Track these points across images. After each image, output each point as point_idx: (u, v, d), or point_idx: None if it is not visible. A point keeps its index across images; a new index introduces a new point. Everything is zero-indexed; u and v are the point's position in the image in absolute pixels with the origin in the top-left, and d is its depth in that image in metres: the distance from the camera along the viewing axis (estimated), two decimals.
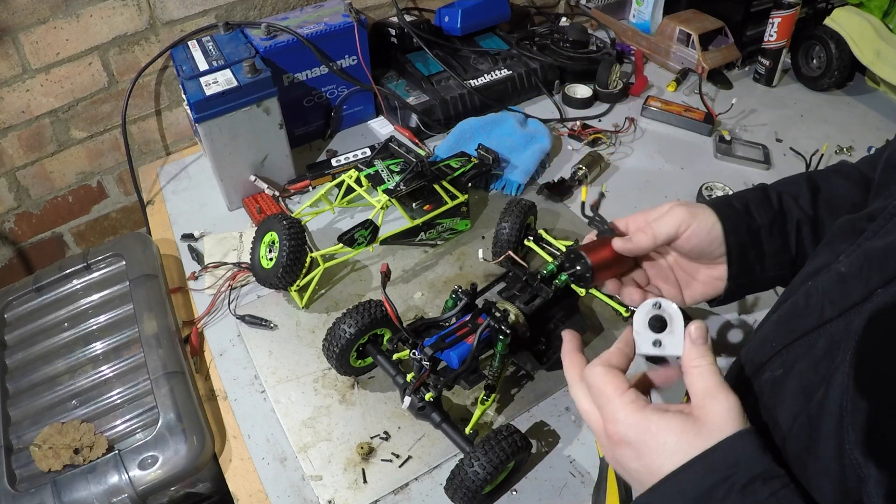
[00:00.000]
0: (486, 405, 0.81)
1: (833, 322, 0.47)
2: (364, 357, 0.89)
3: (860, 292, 0.46)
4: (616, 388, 0.50)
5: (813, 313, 0.50)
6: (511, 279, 0.91)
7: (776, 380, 0.51)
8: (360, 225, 0.96)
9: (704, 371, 0.49)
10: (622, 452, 0.49)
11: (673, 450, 0.46)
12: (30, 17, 1.10)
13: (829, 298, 0.49)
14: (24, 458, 0.83)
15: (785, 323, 0.54)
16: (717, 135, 1.33)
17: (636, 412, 0.48)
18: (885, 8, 1.37)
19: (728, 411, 0.46)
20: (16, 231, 1.31)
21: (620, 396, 0.49)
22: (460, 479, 0.72)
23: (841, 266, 0.49)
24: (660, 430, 0.47)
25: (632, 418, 0.48)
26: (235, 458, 0.85)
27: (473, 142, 1.23)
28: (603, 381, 0.51)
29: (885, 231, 0.48)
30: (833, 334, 0.47)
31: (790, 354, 0.51)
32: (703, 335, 0.51)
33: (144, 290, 0.98)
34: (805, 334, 0.50)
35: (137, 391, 0.89)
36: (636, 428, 0.48)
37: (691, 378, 0.49)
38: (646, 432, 0.47)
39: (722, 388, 0.48)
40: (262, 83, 1.07)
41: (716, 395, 0.47)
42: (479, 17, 1.45)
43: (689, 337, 0.51)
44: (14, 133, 1.20)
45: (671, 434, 0.46)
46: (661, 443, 0.46)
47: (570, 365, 0.55)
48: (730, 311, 0.99)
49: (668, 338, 0.52)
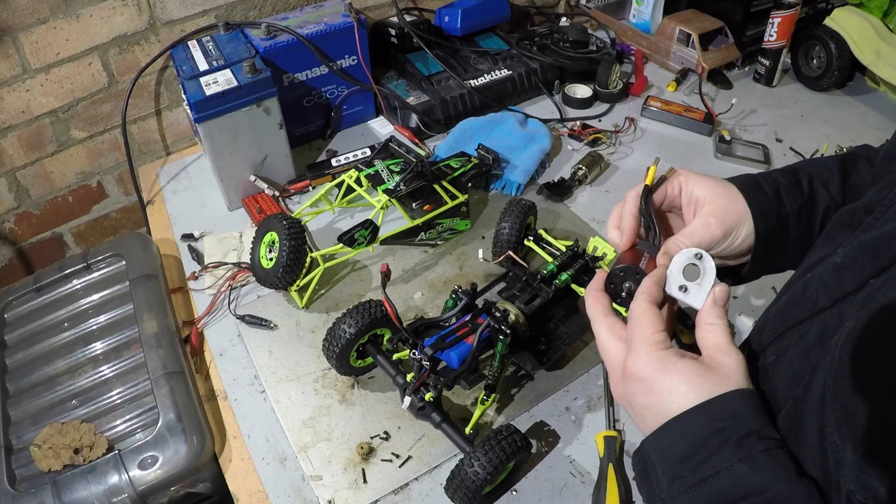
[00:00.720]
0: (486, 405, 0.81)
1: (827, 311, 0.48)
2: (364, 357, 0.89)
3: (854, 282, 0.46)
4: (651, 324, 0.52)
5: (808, 303, 0.50)
6: (511, 279, 0.92)
7: (769, 366, 0.53)
8: (360, 225, 0.96)
9: (718, 329, 0.51)
10: (634, 387, 0.51)
11: (683, 391, 0.48)
12: (30, 17, 1.10)
13: (824, 288, 0.49)
14: (24, 458, 0.83)
15: (781, 313, 0.54)
16: (717, 135, 1.33)
17: (658, 350, 0.50)
18: (885, 8, 1.37)
19: (738, 366, 0.49)
20: (16, 231, 1.31)
21: (652, 335, 0.51)
22: (460, 478, 0.72)
23: (837, 258, 0.50)
24: (676, 370, 0.49)
25: (654, 355, 0.50)
26: (235, 458, 0.85)
27: (473, 142, 1.23)
28: (643, 314, 0.53)
29: (879, 223, 0.48)
30: (826, 322, 0.48)
31: (784, 342, 0.52)
32: (726, 298, 0.53)
33: (144, 290, 0.98)
34: (799, 322, 0.51)
35: (137, 391, 0.89)
36: (654, 364, 0.50)
37: (704, 333, 0.52)
38: (662, 370, 0.49)
39: (732, 346, 0.50)
40: (262, 83, 1.07)
41: (728, 351, 0.50)
42: (479, 17, 1.45)
43: (712, 295, 0.53)
44: (14, 133, 1.20)
45: (684, 375, 0.48)
46: (674, 382, 0.49)
47: (595, 302, 0.57)
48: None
49: (695, 289, 0.54)
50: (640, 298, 0.54)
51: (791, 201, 0.65)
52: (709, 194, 0.63)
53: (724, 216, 0.62)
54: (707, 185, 0.63)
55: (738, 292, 1.02)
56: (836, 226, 0.56)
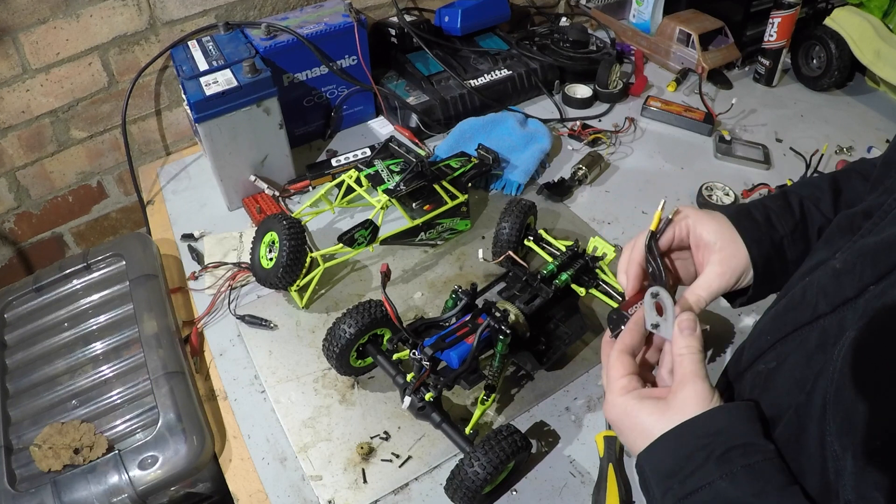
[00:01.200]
0: (486, 405, 0.81)
1: (826, 317, 0.48)
2: (364, 357, 0.89)
3: (853, 288, 0.47)
4: (617, 372, 0.57)
5: (808, 308, 0.51)
6: (511, 279, 0.92)
7: (769, 371, 0.53)
8: (360, 225, 0.96)
9: (685, 360, 0.54)
10: (613, 426, 0.57)
11: (642, 429, 0.52)
12: (30, 17, 1.10)
13: (823, 293, 0.50)
14: (24, 458, 0.83)
15: (781, 317, 0.55)
16: (717, 135, 1.33)
17: (620, 396, 0.55)
18: (885, 8, 1.37)
19: (693, 397, 0.51)
20: (16, 231, 1.31)
21: (617, 380, 0.56)
22: (460, 478, 0.72)
23: (836, 262, 0.50)
24: (635, 412, 0.54)
25: (617, 401, 0.56)
26: (235, 458, 0.85)
27: (473, 142, 1.23)
28: (612, 364, 0.58)
29: (878, 228, 0.49)
30: (826, 328, 0.48)
31: (784, 347, 0.52)
32: (691, 326, 0.56)
33: (144, 290, 0.98)
34: (799, 328, 0.51)
35: (137, 391, 0.89)
36: (617, 409, 0.55)
37: (675, 365, 0.55)
38: (624, 414, 0.55)
39: (695, 377, 0.53)
40: (262, 83, 1.07)
41: (687, 383, 0.53)
42: (479, 17, 1.45)
43: (678, 326, 0.56)
44: (14, 133, 1.20)
45: (642, 416, 0.53)
46: (634, 423, 0.54)
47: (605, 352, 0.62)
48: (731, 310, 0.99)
49: (664, 323, 0.58)
50: (614, 349, 0.59)
51: (782, 224, 0.68)
52: (717, 240, 0.65)
53: (735, 265, 0.64)
54: (715, 230, 0.65)
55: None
56: (836, 230, 0.57)
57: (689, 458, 0.48)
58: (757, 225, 0.67)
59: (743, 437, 0.48)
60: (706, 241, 0.65)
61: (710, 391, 0.51)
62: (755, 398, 0.53)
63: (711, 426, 0.49)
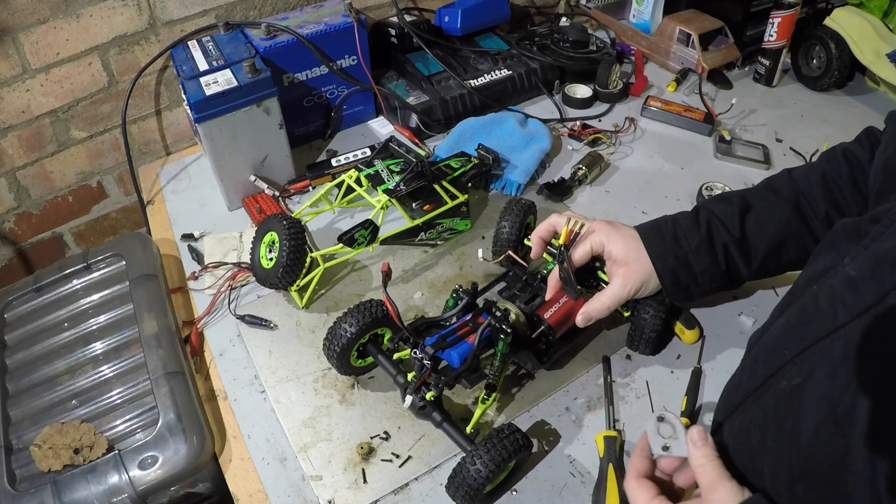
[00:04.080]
0: (486, 404, 0.81)
1: (847, 326, 0.47)
2: (364, 357, 0.89)
3: (873, 295, 0.46)
4: (644, 497, 0.59)
5: (826, 319, 0.50)
6: (511, 279, 0.92)
7: (794, 388, 0.52)
8: (360, 225, 0.96)
9: (707, 467, 0.56)
10: None
11: None
12: (30, 17, 1.10)
13: (840, 303, 0.49)
14: (24, 458, 0.83)
15: (795, 330, 0.54)
16: (717, 135, 1.33)
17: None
18: (885, 8, 1.37)
19: (728, 497, 0.54)
20: (16, 231, 1.31)
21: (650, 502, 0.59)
22: (462, 477, 0.72)
23: (849, 269, 0.50)
24: None
25: None
26: (235, 458, 0.85)
27: (473, 142, 1.23)
28: (635, 492, 0.60)
29: (891, 233, 0.48)
30: (848, 338, 0.47)
31: (806, 362, 0.51)
32: (703, 437, 0.59)
33: (144, 290, 0.98)
34: (819, 340, 0.50)
35: (137, 391, 0.89)
36: None
37: (697, 475, 0.57)
38: None
39: (722, 479, 0.55)
40: (262, 83, 1.07)
41: (717, 486, 0.55)
42: (479, 17, 1.45)
43: (690, 440, 0.59)
44: (14, 133, 1.20)
45: None
46: None
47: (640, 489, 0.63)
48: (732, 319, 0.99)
49: (674, 443, 0.61)
50: (628, 477, 0.62)
51: (688, 241, 0.81)
52: (624, 255, 0.81)
53: (635, 279, 0.80)
54: (623, 246, 0.81)
55: (738, 292, 1.02)
56: (840, 236, 0.56)
57: None
58: (664, 243, 0.80)
59: None
60: (614, 256, 0.81)
61: (740, 488, 0.54)
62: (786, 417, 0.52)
63: None
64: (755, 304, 1.00)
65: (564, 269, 0.80)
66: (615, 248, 0.81)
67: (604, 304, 0.81)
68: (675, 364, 0.92)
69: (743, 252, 0.81)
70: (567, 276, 0.80)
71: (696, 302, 1.00)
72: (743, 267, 0.82)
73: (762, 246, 0.81)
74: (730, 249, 0.81)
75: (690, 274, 0.81)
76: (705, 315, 0.98)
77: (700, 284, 0.82)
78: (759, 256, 0.82)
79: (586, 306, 0.81)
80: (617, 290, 0.81)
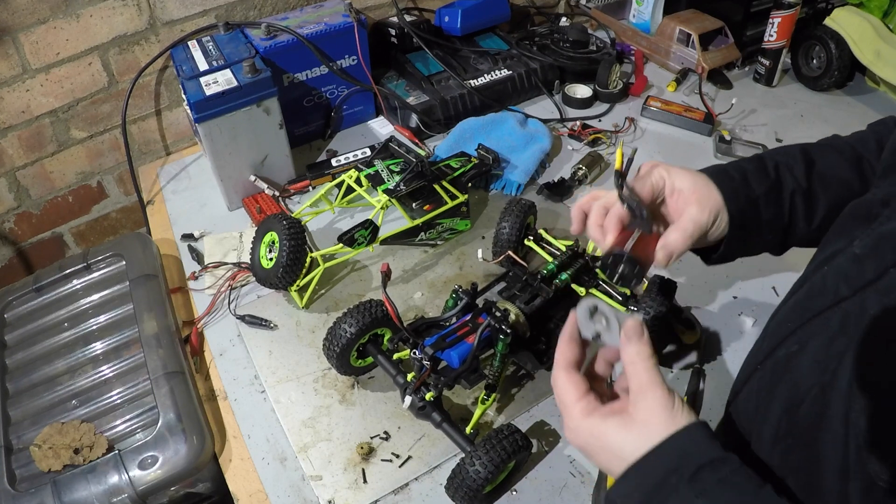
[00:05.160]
0: (486, 405, 0.81)
1: (848, 300, 0.49)
2: (364, 357, 0.89)
3: (874, 271, 0.47)
4: (572, 396, 0.54)
5: (828, 293, 0.51)
6: (511, 279, 0.91)
7: (791, 355, 0.53)
8: (360, 225, 0.96)
9: (638, 368, 0.52)
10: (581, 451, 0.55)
11: (613, 450, 0.51)
12: (30, 17, 1.10)
13: (844, 278, 0.50)
14: (24, 458, 0.83)
15: (802, 304, 0.55)
16: (717, 135, 1.33)
17: (583, 419, 0.53)
18: (885, 8, 1.37)
19: (655, 406, 0.50)
20: (16, 231, 1.31)
21: (573, 405, 0.53)
22: (461, 478, 0.72)
23: (856, 248, 0.51)
24: (601, 433, 0.51)
25: (580, 426, 0.53)
26: (235, 458, 0.85)
27: (473, 142, 1.23)
28: (563, 388, 0.55)
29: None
30: (847, 311, 0.48)
31: (805, 332, 0.52)
32: (638, 332, 0.53)
33: (144, 290, 0.98)
34: (820, 313, 0.51)
35: (137, 391, 0.89)
36: (583, 434, 0.53)
37: (628, 375, 0.53)
38: (591, 437, 0.52)
39: (651, 385, 0.51)
40: (262, 83, 1.07)
41: (645, 393, 0.51)
42: (479, 17, 1.45)
43: (624, 332, 0.53)
44: (14, 133, 1.20)
45: (610, 436, 0.51)
46: (604, 445, 0.51)
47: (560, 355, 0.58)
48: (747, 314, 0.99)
49: (607, 334, 0.55)
50: (556, 369, 0.56)
51: (758, 184, 0.70)
52: (690, 185, 0.68)
53: (712, 205, 0.67)
54: (687, 177, 0.68)
55: (738, 292, 1.02)
56: (850, 219, 0.57)
57: (661, 486, 0.48)
58: (734, 182, 0.69)
59: (708, 454, 0.48)
60: (679, 188, 0.68)
61: (670, 396, 0.51)
62: (782, 382, 0.53)
63: (677, 450, 0.48)
64: (755, 304, 1.00)
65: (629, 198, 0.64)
66: (679, 180, 0.68)
67: (686, 232, 0.65)
68: (675, 364, 0.92)
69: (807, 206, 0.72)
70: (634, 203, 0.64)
71: (696, 302, 1.00)
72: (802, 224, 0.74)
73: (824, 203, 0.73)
74: (796, 200, 0.71)
75: (756, 221, 0.70)
76: (705, 315, 0.98)
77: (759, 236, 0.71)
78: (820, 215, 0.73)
79: (664, 240, 0.66)
80: (695, 214, 0.66)
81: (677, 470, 0.47)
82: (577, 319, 0.56)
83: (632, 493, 0.49)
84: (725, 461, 0.47)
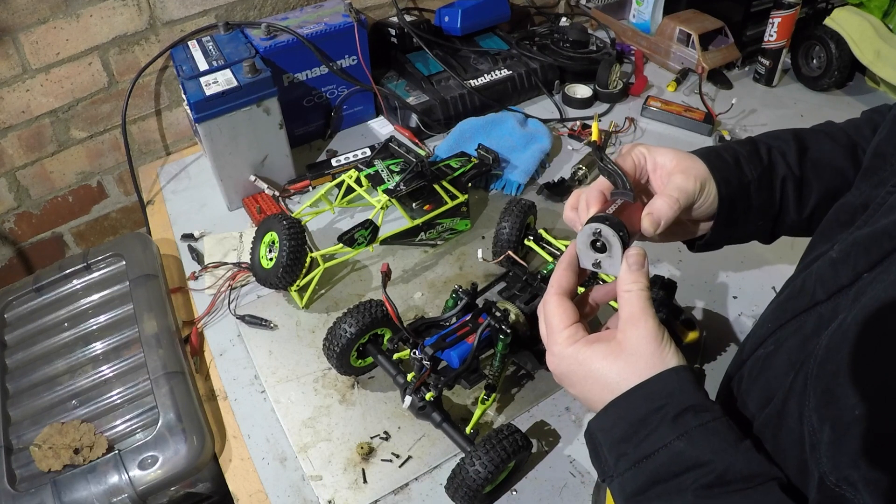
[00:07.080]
0: (486, 405, 0.81)
1: (823, 304, 0.49)
2: (364, 357, 0.89)
3: (848, 276, 0.48)
4: (561, 322, 0.54)
5: (805, 296, 0.52)
6: (511, 279, 0.92)
7: (767, 355, 0.54)
8: (360, 225, 0.96)
9: (633, 297, 0.51)
10: (561, 380, 0.54)
11: (597, 377, 0.51)
12: (30, 17, 1.10)
13: (820, 282, 0.51)
14: (24, 458, 0.83)
15: (781, 305, 0.56)
16: (717, 135, 1.33)
17: (568, 346, 0.52)
18: (885, 8, 1.37)
19: (645, 336, 0.50)
20: (16, 231, 1.31)
21: (560, 332, 0.53)
22: (461, 478, 0.72)
23: (833, 253, 0.51)
24: (585, 359, 0.51)
25: (565, 352, 0.53)
26: (235, 458, 0.85)
27: (473, 142, 1.23)
28: (552, 312, 0.54)
29: (872, 220, 0.50)
30: (821, 314, 0.49)
31: (782, 333, 0.53)
32: (640, 261, 0.53)
33: (144, 290, 0.98)
34: (797, 315, 0.52)
35: (137, 391, 0.89)
36: (566, 360, 0.53)
37: (621, 302, 0.52)
38: (575, 364, 0.52)
39: (644, 314, 0.51)
40: (262, 83, 1.07)
41: (636, 322, 0.50)
42: (479, 17, 1.45)
43: (626, 261, 0.53)
44: (14, 133, 1.20)
45: (595, 363, 0.51)
46: (588, 371, 0.51)
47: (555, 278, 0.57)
48: (746, 312, 0.99)
49: (607, 260, 0.54)
50: (548, 294, 0.56)
51: (751, 169, 0.68)
52: (672, 158, 0.65)
53: (695, 174, 0.64)
54: (669, 152, 0.66)
55: (738, 292, 1.02)
56: (834, 224, 0.58)
57: (642, 422, 0.48)
58: (727, 165, 0.67)
59: (693, 398, 0.48)
60: (661, 163, 0.65)
61: (660, 330, 0.50)
62: (756, 381, 0.54)
63: (663, 389, 0.48)
64: (755, 304, 1.00)
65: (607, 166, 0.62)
66: (661, 157, 0.65)
67: (671, 198, 0.61)
68: None
69: (798, 194, 0.71)
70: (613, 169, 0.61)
71: (696, 302, 1.00)
72: (793, 212, 0.72)
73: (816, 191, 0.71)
74: (787, 187, 0.69)
75: (746, 207, 0.68)
76: (705, 315, 0.98)
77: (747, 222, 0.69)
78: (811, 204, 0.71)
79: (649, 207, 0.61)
80: (680, 181, 0.62)
81: (661, 409, 0.47)
82: (576, 248, 0.56)
83: (613, 426, 0.49)
84: (709, 408, 0.48)
